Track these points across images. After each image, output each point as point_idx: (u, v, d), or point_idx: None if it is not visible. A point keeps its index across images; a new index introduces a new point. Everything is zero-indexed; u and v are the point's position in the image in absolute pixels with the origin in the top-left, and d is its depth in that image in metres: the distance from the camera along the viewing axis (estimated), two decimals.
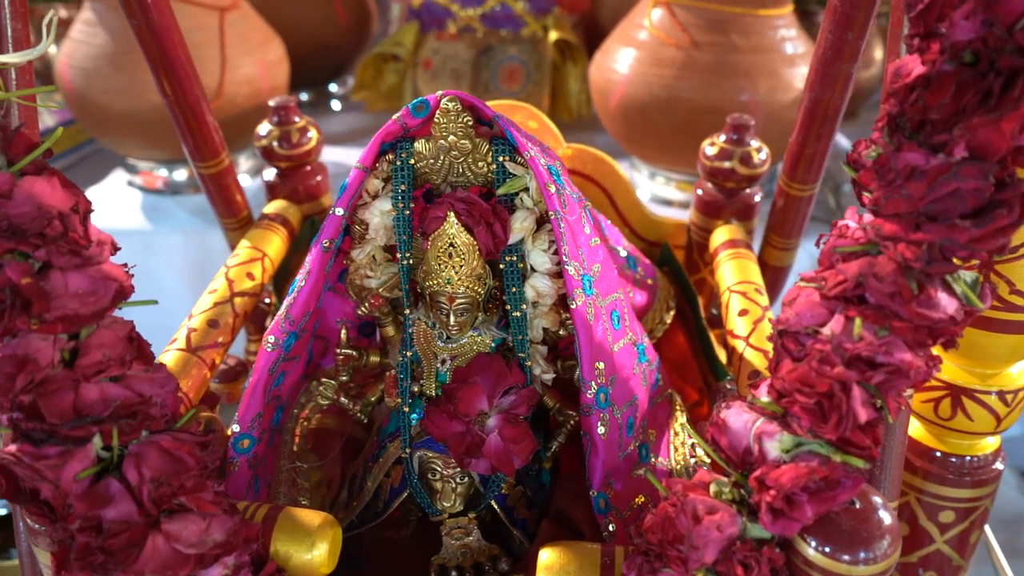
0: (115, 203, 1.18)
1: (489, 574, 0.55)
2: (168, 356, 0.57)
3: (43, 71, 1.47)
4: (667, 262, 0.80)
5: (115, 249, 0.43)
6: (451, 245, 0.51)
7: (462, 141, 0.51)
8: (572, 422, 0.57)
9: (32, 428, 0.38)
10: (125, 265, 0.43)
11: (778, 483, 0.37)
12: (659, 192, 1.20)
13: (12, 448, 0.38)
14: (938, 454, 0.59)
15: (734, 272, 0.69)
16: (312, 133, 0.79)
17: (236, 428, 0.53)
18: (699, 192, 0.78)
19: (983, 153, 0.34)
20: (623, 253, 0.69)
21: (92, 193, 1.21)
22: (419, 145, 0.52)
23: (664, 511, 0.39)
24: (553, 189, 0.50)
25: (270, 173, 0.81)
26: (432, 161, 0.52)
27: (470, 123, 0.50)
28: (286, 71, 1.23)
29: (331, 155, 1.30)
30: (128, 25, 0.64)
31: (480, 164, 0.52)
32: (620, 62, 1.10)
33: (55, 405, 0.38)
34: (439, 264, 0.51)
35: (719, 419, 0.40)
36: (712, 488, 0.40)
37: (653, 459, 0.58)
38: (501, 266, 0.53)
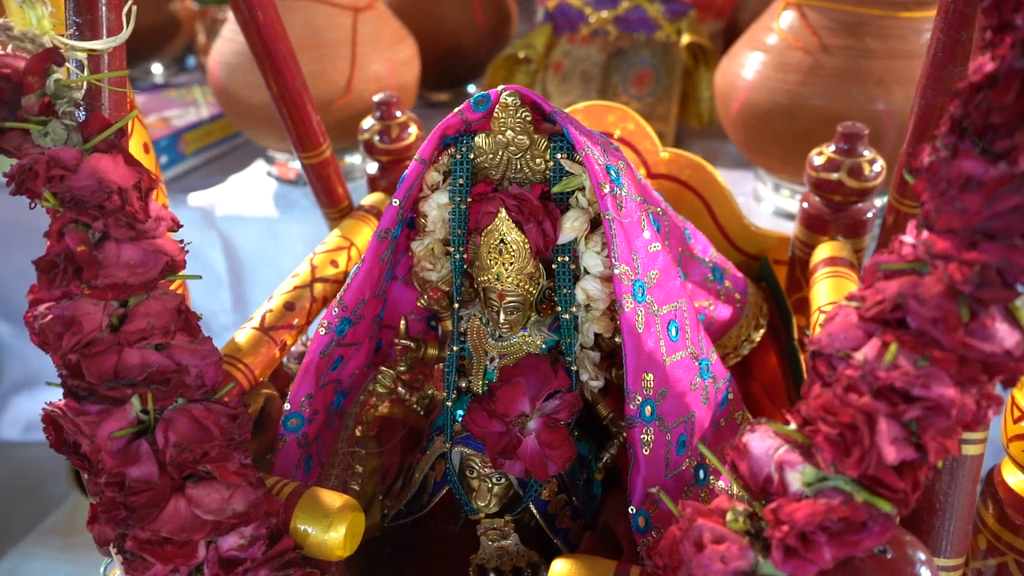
0: (252, 190, 1.26)
1: None
2: (242, 334, 0.60)
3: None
4: (765, 277, 0.76)
5: (177, 226, 0.46)
6: (502, 241, 0.50)
7: (519, 137, 0.50)
8: (624, 434, 0.55)
9: (76, 385, 0.41)
10: (181, 241, 0.45)
11: (792, 519, 0.33)
12: (783, 205, 1.13)
13: (60, 402, 0.42)
14: None
15: (829, 292, 0.64)
16: (412, 129, 0.81)
17: (287, 407, 0.55)
18: (804, 205, 0.73)
19: None
20: (708, 264, 0.65)
21: (233, 180, 1.30)
22: (479, 140, 0.51)
23: (672, 534, 0.37)
24: (607, 189, 0.48)
25: (372, 167, 0.83)
26: (491, 156, 0.52)
27: (528, 119, 0.49)
28: (415, 70, 1.27)
29: None
30: None
31: (538, 161, 0.51)
32: (746, 67, 1.04)
33: (96, 366, 0.40)
34: (490, 260, 0.51)
35: (740, 443, 0.37)
36: (728, 516, 0.37)
37: (712, 481, 0.55)
38: (553, 266, 0.51)
